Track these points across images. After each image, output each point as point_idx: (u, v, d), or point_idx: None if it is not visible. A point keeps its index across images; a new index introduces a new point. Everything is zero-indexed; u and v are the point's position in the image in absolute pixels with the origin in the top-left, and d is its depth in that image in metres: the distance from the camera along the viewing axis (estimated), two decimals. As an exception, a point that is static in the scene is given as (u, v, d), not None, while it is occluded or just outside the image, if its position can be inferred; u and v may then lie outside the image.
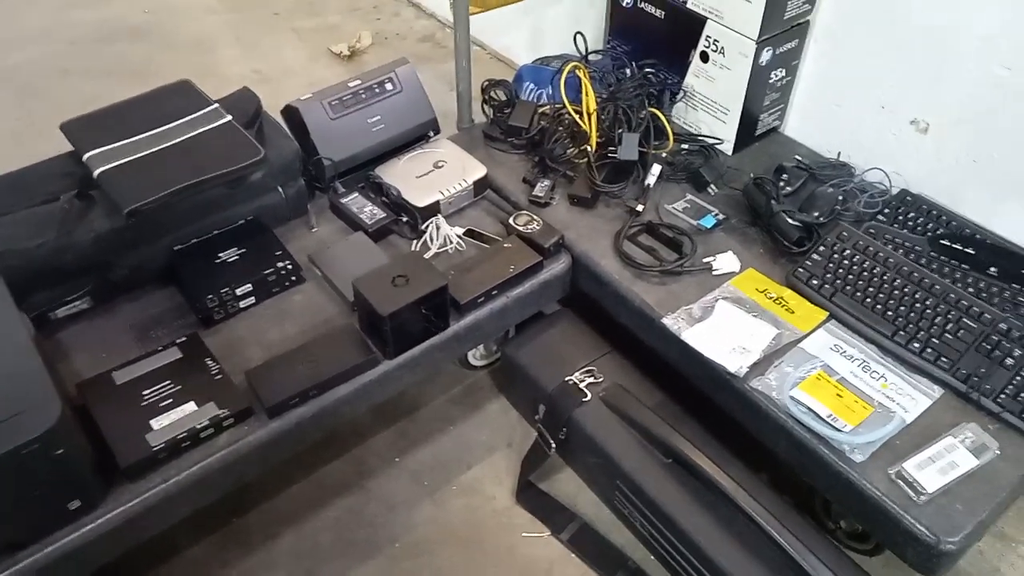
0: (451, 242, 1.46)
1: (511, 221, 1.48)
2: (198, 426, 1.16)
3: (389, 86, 1.57)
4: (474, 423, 1.57)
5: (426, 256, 1.44)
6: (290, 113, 1.52)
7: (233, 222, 1.44)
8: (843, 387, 1.21)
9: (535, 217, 1.48)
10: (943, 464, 1.11)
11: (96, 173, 1.30)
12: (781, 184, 1.54)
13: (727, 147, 1.67)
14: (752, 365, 1.25)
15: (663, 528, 1.26)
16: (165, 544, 1.37)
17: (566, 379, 1.40)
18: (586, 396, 1.37)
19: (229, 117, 1.41)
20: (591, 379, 1.41)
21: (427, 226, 1.47)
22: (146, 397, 1.20)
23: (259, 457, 1.22)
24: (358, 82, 1.55)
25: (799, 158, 1.61)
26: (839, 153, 1.61)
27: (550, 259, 1.46)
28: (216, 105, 1.43)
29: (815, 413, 1.18)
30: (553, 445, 1.40)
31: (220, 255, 1.39)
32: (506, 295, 1.40)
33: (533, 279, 1.43)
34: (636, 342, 1.43)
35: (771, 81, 1.60)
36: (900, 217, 1.46)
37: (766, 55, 1.54)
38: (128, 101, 1.45)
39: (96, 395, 1.20)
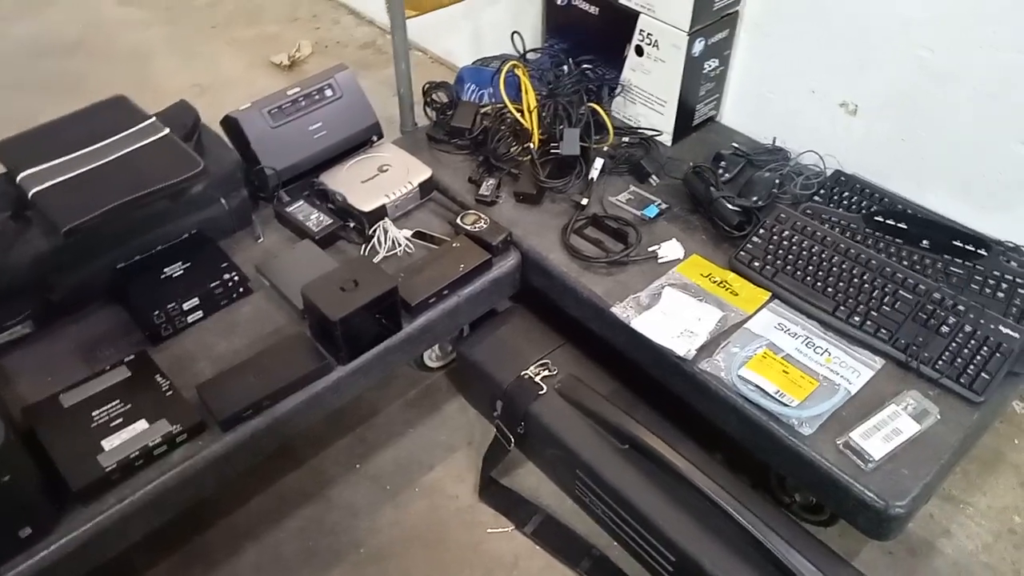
0: (400, 245, 1.47)
1: (459, 221, 1.49)
2: (151, 444, 1.15)
3: (329, 92, 1.57)
4: (433, 424, 1.57)
5: (375, 260, 1.44)
6: (229, 124, 1.50)
7: (177, 236, 1.42)
8: (789, 364, 1.24)
9: (482, 216, 1.50)
10: (887, 431, 1.15)
11: (31, 193, 1.27)
12: (720, 171, 1.58)
13: (666, 138, 1.70)
14: (700, 348, 1.27)
15: (624, 513, 1.28)
16: (124, 566, 1.35)
17: (521, 374, 1.41)
18: (542, 389, 1.39)
19: (167, 130, 1.39)
20: (546, 372, 1.42)
21: (375, 230, 1.47)
22: (95, 418, 1.18)
23: (215, 472, 1.21)
24: (297, 89, 1.55)
25: (736, 145, 1.65)
26: (774, 139, 1.66)
27: (499, 256, 1.47)
28: (153, 119, 1.42)
29: (763, 390, 1.21)
30: (512, 440, 1.41)
31: (165, 270, 1.37)
32: (457, 294, 1.41)
33: (483, 277, 1.44)
34: (588, 333, 1.45)
35: (705, 71, 1.64)
36: (835, 197, 1.51)
37: (698, 46, 1.57)
38: (62, 119, 1.42)
39: (42, 419, 1.18)
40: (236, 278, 1.39)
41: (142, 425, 1.17)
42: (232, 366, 1.27)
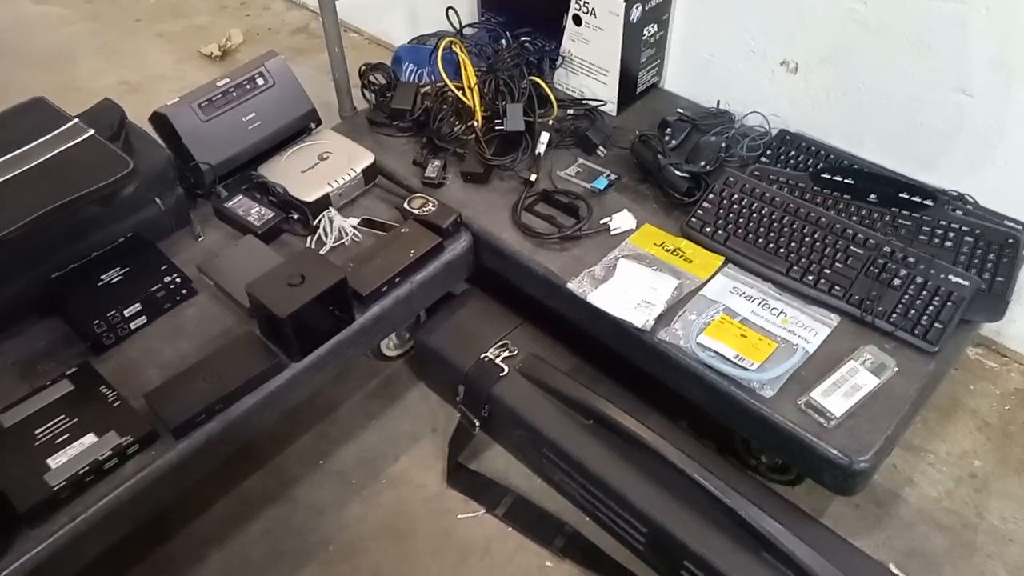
0: (346, 234, 1.43)
1: (406, 205, 1.45)
2: (100, 457, 1.10)
3: (261, 81, 1.51)
4: (395, 414, 1.54)
5: (322, 251, 1.40)
6: (159, 120, 1.44)
7: (112, 240, 1.36)
8: (746, 327, 1.24)
9: (430, 199, 1.46)
10: (847, 388, 1.16)
11: (-51, 206, 1.21)
12: (666, 138, 1.57)
13: (611, 108, 1.68)
14: (657, 318, 1.27)
15: (593, 488, 1.27)
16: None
17: (481, 356, 1.39)
18: (503, 370, 1.37)
19: (91, 131, 1.33)
20: (506, 353, 1.40)
21: (319, 221, 1.43)
22: (39, 436, 1.13)
23: (171, 481, 1.17)
24: (227, 80, 1.49)
25: (681, 111, 1.64)
26: (718, 102, 1.65)
27: (450, 239, 1.44)
28: (76, 120, 1.34)
29: (722, 356, 1.20)
30: (477, 424, 1.40)
31: (102, 277, 1.32)
32: (409, 281, 1.37)
33: (435, 262, 1.41)
34: (546, 310, 1.43)
35: (644, 38, 1.62)
36: (782, 156, 1.51)
37: (636, 12, 1.55)
38: (-23, 126, 1.35)
39: (-18, 444, 1.13)
40: (178, 280, 1.34)
41: (90, 439, 1.13)
42: (181, 371, 1.22)
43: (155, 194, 1.39)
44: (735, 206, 1.39)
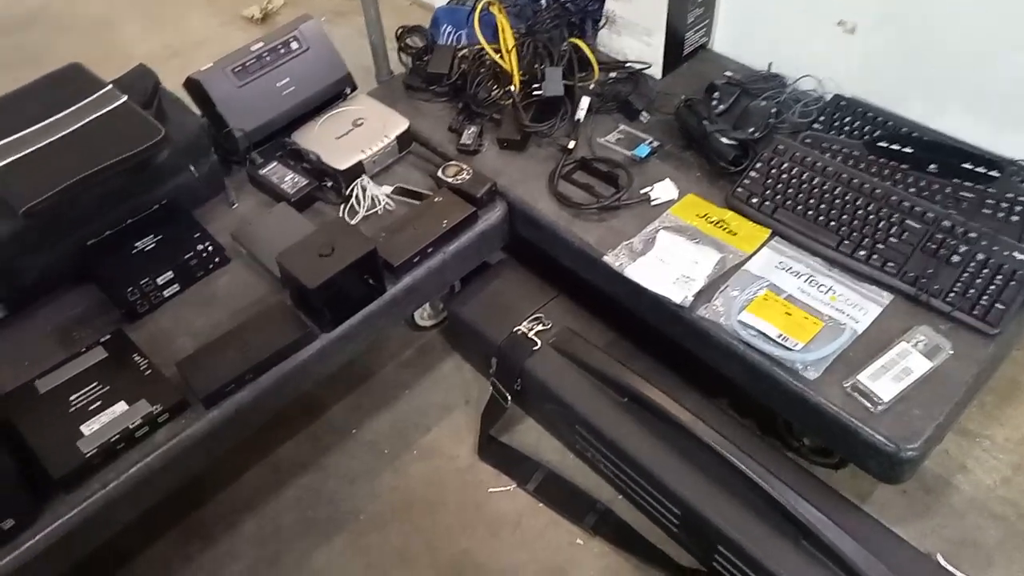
0: (379, 203, 1.40)
1: (440, 173, 1.41)
2: (131, 426, 1.11)
3: (295, 45, 1.48)
4: (429, 384, 1.53)
5: (355, 220, 1.38)
6: (192, 86, 1.42)
7: (147, 208, 1.36)
8: (791, 305, 1.18)
9: (464, 167, 1.42)
10: (897, 371, 1.09)
11: (-15, 173, 1.21)
12: (713, 103, 1.49)
13: (655, 71, 1.61)
14: (697, 294, 1.21)
15: (625, 467, 1.24)
16: (123, 546, 1.33)
17: (515, 329, 1.36)
18: (536, 344, 1.34)
19: (124, 98, 1.32)
20: (540, 326, 1.37)
21: (352, 189, 1.41)
22: (73, 403, 1.14)
23: (202, 449, 1.17)
24: (261, 44, 1.46)
25: (730, 74, 1.56)
26: (770, 65, 1.56)
27: (484, 209, 1.40)
28: (110, 86, 1.34)
29: (765, 335, 1.15)
30: (509, 397, 1.37)
31: (136, 244, 1.32)
32: (442, 251, 1.34)
33: (469, 231, 1.38)
34: (583, 282, 1.39)
35: (680, -3, 1.54)
36: (836, 123, 1.42)
37: (682, -32, 1.47)
38: (14, 93, 1.35)
39: (19, 407, 1.14)
40: (211, 248, 1.33)
41: (121, 407, 1.13)
42: (212, 340, 1.22)
43: (189, 161, 1.38)
44: (784, 175, 1.31)
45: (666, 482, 1.18)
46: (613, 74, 1.58)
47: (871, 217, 1.23)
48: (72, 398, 1.15)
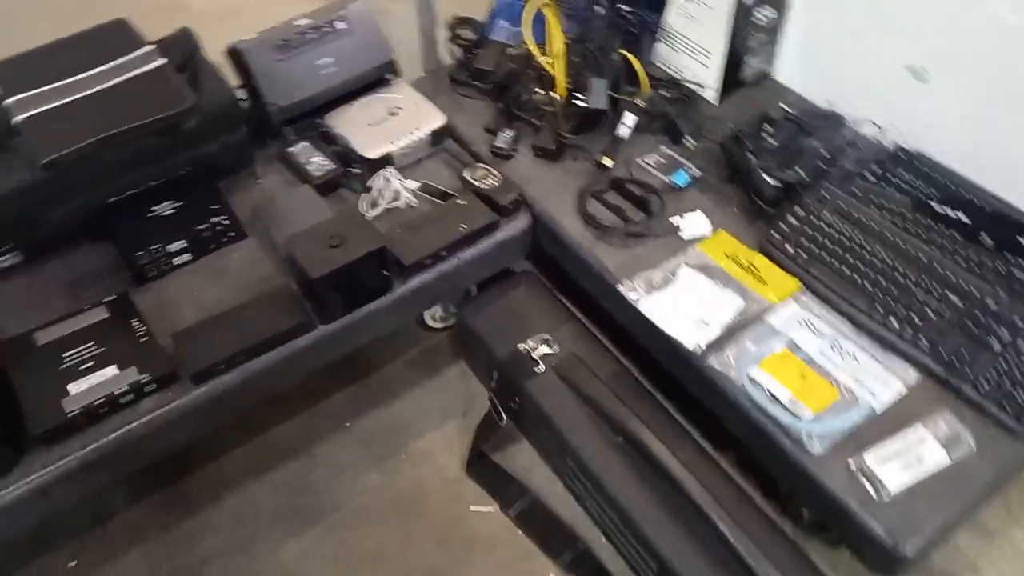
0: (401, 197, 1.37)
1: (466, 175, 1.37)
2: (116, 392, 1.10)
3: (341, 25, 1.45)
4: (430, 388, 1.49)
5: (374, 212, 1.35)
6: (234, 55, 1.41)
7: (171, 173, 1.34)
8: (808, 368, 1.11)
9: (493, 171, 1.37)
10: (910, 458, 1.01)
11: (14, 121, 1.22)
12: (764, 136, 1.40)
13: (710, 94, 1.53)
14: (711, 342, 1.15)
15: (609, 510, 1.19)
16: (101, 506, 1.34)
17: (519, 347, 1.32)
18: (538, 366, 1.29)
19: (163, 60, 1.31)
20: (546, 348, 1.31)
21: (377, 179, 1.37)
22: (66, 359, 1.14)
23: (186, 424, 1.16)
24: (307, 21, 1.43)
25: (786, 107, 1.46)
26: (830, 102, 1.46)
27: (508, 218, 1.35)
28: (149, 47, 1.33)
29: (774, 396, 1.08)
30: (505, 416, 1.33)
31: (155, 209, 1.31)
32: (457, 256, 1.30)
33: (488, 239, 1.33)
34: (601, 308, 1.34)
35: (757, 21, 1.45)
36: (890, 176, 1.32)
37: (751, -9, 1.39)
38: (59, 42, 1.35)
39: (14, 356, 1.15)
40: (227, 222, 1.32)
41: (112, 371, 1.13)
42: (212, 316, 1.21)
43: (218, 131, 1.35)
44: (824, 226, 1.23)
45: (646, 532, 1.12)
46: (664, 92, 1.51)
47: (910, 285, 1.15)
48: (66, 355, 1.15)
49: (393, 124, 1.43)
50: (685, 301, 1.20)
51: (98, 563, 1.29)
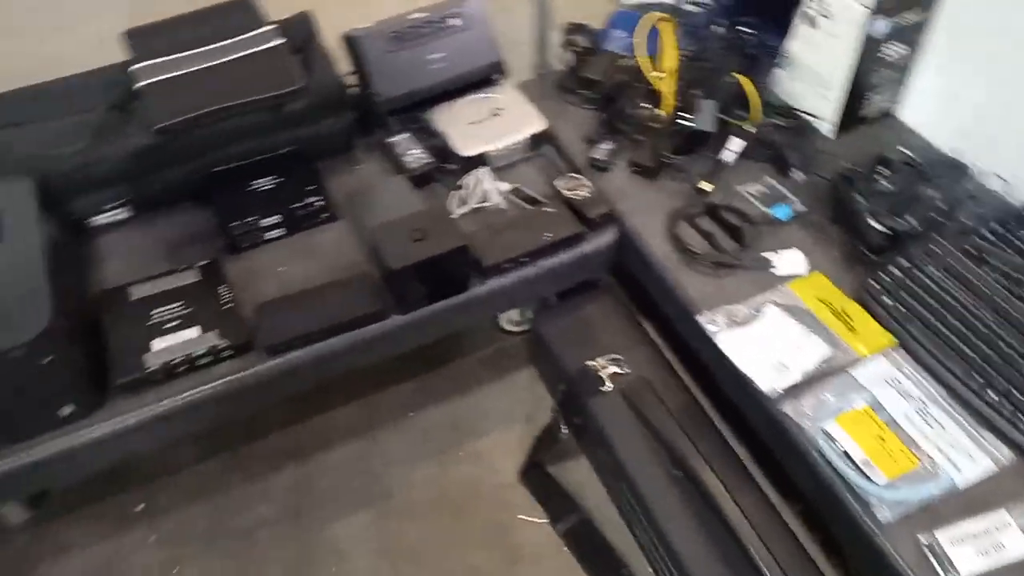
0: (491, 199, 1.36)
1: (558, 183, 1.36)
2: (195, 353, 1.15)
3: (455, 22, 1.46)
4: (497, 389, 1.49)
5: (462, 210, 1.35)
6: (348, 42, 1.44)
7: (274, 149, 1.39)
8: (889, 430, 1.04)
9: (586, 183, 1.35)
10: (989, 543, 0.93)
11: (136, 87, 1.28)
12: (877, 179, 1.33)
13: (826, 127, 1.45)
14: (789, 387, 1.09)
15: (659, 545, 1.15)
16: (174, 457, 1.40)
17: (589, 364, 1.29)
18: (606, 385, 1.26)
19: (280, 41, 1.35)
20: (616, 368, 1.29)
21: (470, 178, 1.38)
22: (154, 316, 1.20)
23: (255, 394, 1.20)
24: (422, 15, 1.45)
25: (906, 151, 1.37)
26: (956, 150, 1.37)
27: (594, 232, 1.33)
28: (269, 27, 1.37)
29: (848, 455, 1.02)
30: (566, 430, 1.31)
31: (255, 182, 1.36)
32: (537, 264, 1.29)
33: (571, 250, 1.31)
34: (679, 334, 1.30)
35: (885, 56, 1.37)
36: (1012, 237, 1.22)
37: (881, 26, 1.30)
38: (189, 14, 1.42)
39: (110, 306, 1.21)
40: (321, 202, 1.35)
41: (194, 332, 1.18)
42: (293, 292, 1.24)
43: (324, 115, 1.39)
44: (929, 282, 1.15)
45: (693, 575, 1.08)
46: (777, 120, 1.45)
47: (1017, 358, 1.06)
48: (155, 311, 1.20)
49: (493, 125, 1.43)
50: (767, 341, 1.15)
51: (162, 511, 1.35)
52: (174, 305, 1.21)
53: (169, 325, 1.18)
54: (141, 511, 1.35)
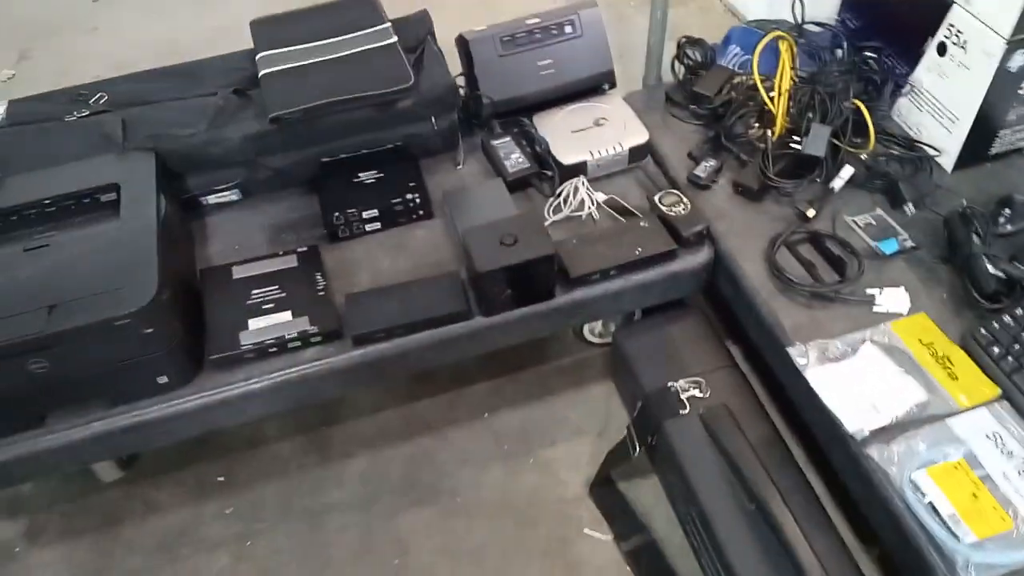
0: (586, 208, 1.36)
1: (656, 197, 1.33)
2: (287, 336, 1.19)
3: (569, 29, 1.46)
4: (573, 400, 1.48)
5: (556, 217, 1.35)
6: (461, 44, 1.46)
7: (380, 145, 1.43)
8: (983, 486, 0.97)
9: (684, 200, 1.33)
10: (1086, 624, 0.86)
11: (260, 74, 1.35)
12: (999, 220, 1.25)
13: (946, 161, 1.38)
14: (877, 430, 1.04)
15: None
16: (258, 432, 1.46)
17: (668, 384, 1.26)
18: (684, 408, 1.23)
19: (394, 39, 1.39)
20: (696, 391, 1.25)
21: (565, 187, 1.37)
22: (254, 296, 1.25)
23: (339, 380, 1.24)
24: (536, 20, 1.46)
25: (1033, 192, 1.29)
26: (1093, 197, 1.27)
27: (687, 249, 1.30)
28: (386, 24, 1.42)
29: (935, 507, 0.96)
30: (639, 448, 1.29)
31: (359, 175, 1.40)
32: (625, 278, 1.28)
33: (661, 267, 1.29)
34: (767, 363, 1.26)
35: (1022, 92, 1.28)
36: None
37: (1019, 59, 1.22)
38: (311, 8, 1.49)
39: (212, 284, 1.28)
40: (419, 200, 1.37)
41: (287, 316, 1.22)
42: (383, 286, 1.27)
43: (432, 113, 1.42)
44: (1047, 335, 1.07)
45: (758, 615, 1.04)
46: (894, 149, 1.38)
47: None
48: (254, 292, 1.25)
49: (595, 135, 1.42)
50: (859, 380, 1.09)
51: (241, 484, 1.40)
52: (271, 287, 1.26)
53: (266, 306, 1.23)
54: (222, 482, 1.41)
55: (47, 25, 2.61)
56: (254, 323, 1.21)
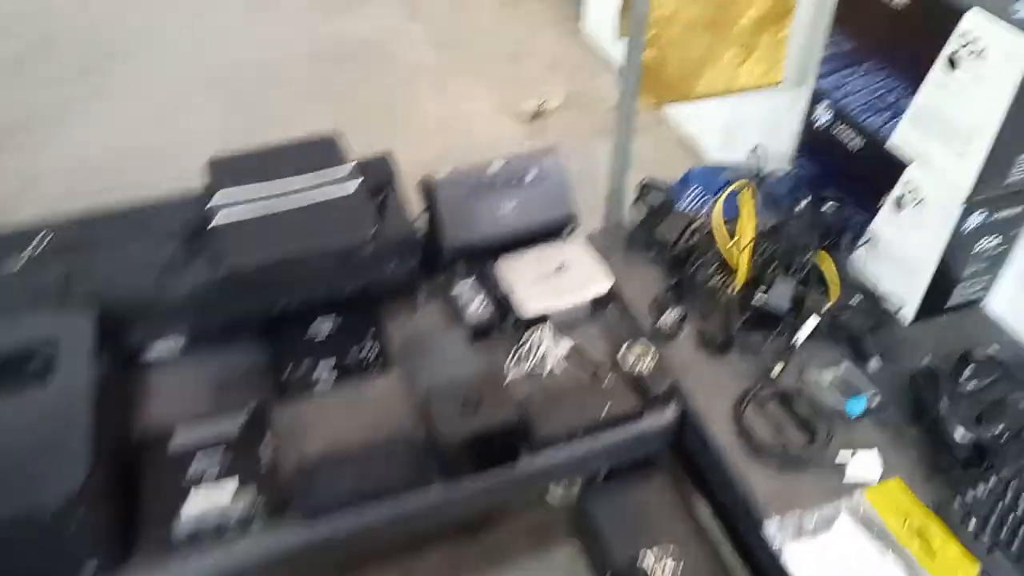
0: (549, 363, 1.31)
1: (620, 354, 1.30)
2: (227, 523, 1.10)
3: (531, 175, 1.45)
4: (537, 566, 1.40)
5: (519, 369, 1.30)
6: (425, 185, 1.44)
7: (340, 292, 1.37)
8: None
9: (651, 352, 1.29)
10: None
11: (211, 225, 1.29)
12: (963, 377, 1.24)
13: (907, 312, 1.38)
14: (859, 618, 0.99)
15: None
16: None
17: (638, 563, 1.19)
18: (655, 583, 1.17)
19: (358, 182, 1.35)
20: (670, 560, 1.19)
21: (528, 338, 1.34)
22: (194, 465, 1.14)
23: (290, 559, 1.14)
24: (501, 165, 1.45)
25: (994, 349, 1.28)
26: (1051, 354, 1.28)
27: (654, 408, 1.27)
28: (351, 166, 1.38)
29: None
30: (610, 620, 1.22)
31: (312, 324, 1.34)
32: (592, 439, 1.23)
33: (629, 427, 1.25)
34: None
35: (978, 250, 1.30)
36: (1118, 464, 1.12)
37: (976, 219, 1.25)
38: (272, 148, 1.44)
39: (148, 455, 1.17)
40: (377, 350, 1.31)
41: (231, 485, 1.12)
42: (336, 451, 1.19)
43: (391, 260, 1.38)
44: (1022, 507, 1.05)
45: None
46: (855, 302, 1.38)
47: None
48: (195, 461, 1.15)
49: (558, 282, 1.40)
50: (837, 559, 1.05)
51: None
52: (215, 448, 1.17)
53: (208, 473, 1.13)
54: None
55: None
56: (193, 501, 1.10)
